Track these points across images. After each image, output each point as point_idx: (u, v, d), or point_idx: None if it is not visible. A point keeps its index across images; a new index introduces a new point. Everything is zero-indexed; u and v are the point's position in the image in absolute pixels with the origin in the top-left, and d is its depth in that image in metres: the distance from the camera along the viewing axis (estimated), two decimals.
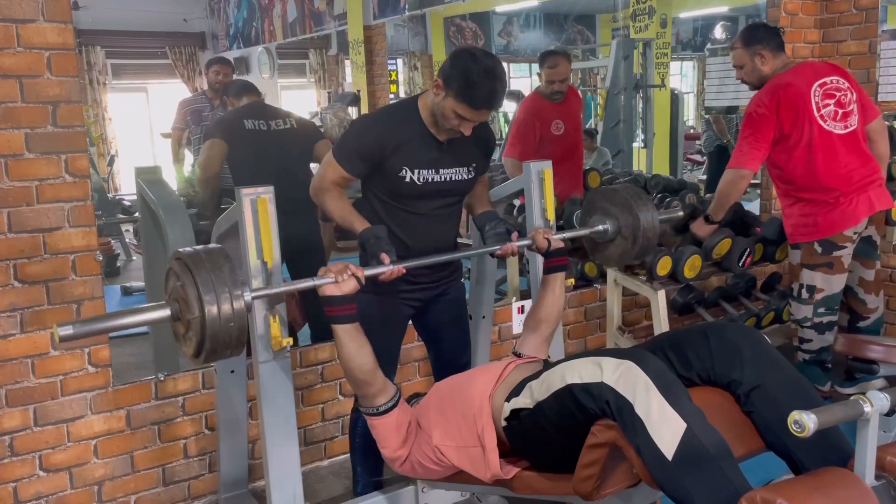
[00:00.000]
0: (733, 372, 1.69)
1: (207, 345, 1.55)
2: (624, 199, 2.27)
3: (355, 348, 1.88)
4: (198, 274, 1.56)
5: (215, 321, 1.54)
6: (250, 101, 3.50)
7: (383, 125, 2.14)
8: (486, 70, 1.96)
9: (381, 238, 2.05)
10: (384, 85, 7.35)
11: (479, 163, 2.25)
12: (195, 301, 1.54)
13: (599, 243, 2.34)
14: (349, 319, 1.87)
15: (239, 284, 1.59)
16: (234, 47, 9.90)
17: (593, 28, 10.96)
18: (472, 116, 2.01)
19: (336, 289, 1.84)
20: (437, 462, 1.90)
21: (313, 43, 9.67)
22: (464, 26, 9.87)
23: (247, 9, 9.52)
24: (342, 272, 1.84)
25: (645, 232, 2.24)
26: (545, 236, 2.21)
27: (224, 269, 1.58)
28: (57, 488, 2.48)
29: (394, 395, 1.97)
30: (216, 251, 1.63)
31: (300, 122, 3.48)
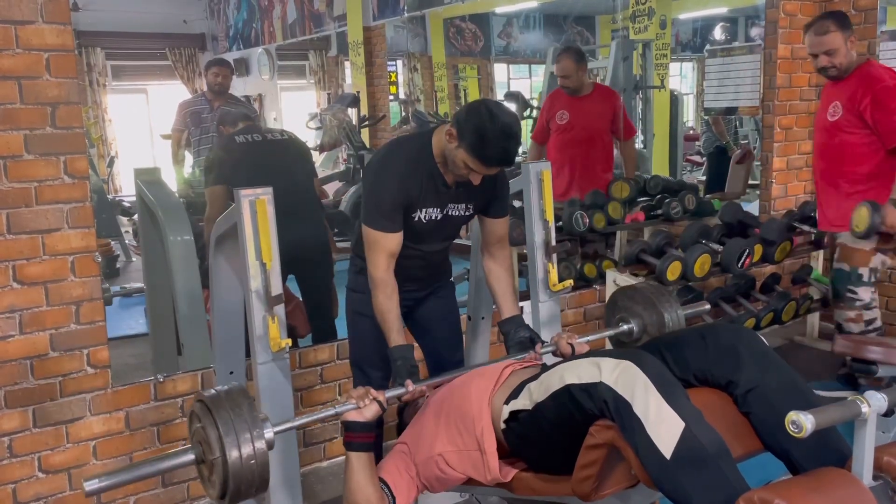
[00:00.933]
0: (730, 373, 1.69)
1: (231, 486, 1.54)
2: (646, 298, 2.26)
3: (365, 479, 1.82)
4: (218, 415, 1.55)
5: (237, 462, 1.53)
6: (244, 125, 3.48)
7: (406, 173, 2.08)
8: (502, 129, 1.93)
9: (407, 359, 2.04)
10: (384, 86, 7.35)
11: (477, 202, 2.23)
12: (216, 443, 1.54)
13: (626, 343, 2.33)
14: (366, 448, 1.82)
15: (259, 423, 1.58)
16: (234, 49, 9.91)
17: (593, 29, 10.96)
18: (483, 171, 2.01)
19: (358, 415, 1.80)
20: (442, 471, 1.88)
21: (313, 44, 9.68)
22: (463, 27, 9.86)
23: (246, 10, 9.52)
24: (363, 397, 1.80)
25: (671, 329, 2.22)
26: (568, 342, 2.14)
27: (243, 407, 1.57)
28: (56, 489, 2.48)
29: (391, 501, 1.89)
30: (235, 391, 1.61)
31: (297, 138, 3.50)
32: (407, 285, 2.25)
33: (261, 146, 3.28)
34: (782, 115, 4.09)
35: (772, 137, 4.11)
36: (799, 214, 3.89)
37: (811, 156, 4.23)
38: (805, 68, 4.10)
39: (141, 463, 1.62)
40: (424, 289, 2.37)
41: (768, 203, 4.19)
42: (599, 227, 4.05)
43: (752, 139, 7.79)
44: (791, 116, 4.13)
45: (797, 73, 4.08)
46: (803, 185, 4.27)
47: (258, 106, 9.49)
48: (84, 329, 2.42)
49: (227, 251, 2.22)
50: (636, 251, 3.54)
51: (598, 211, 4.13)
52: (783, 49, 3.99)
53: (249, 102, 7.73)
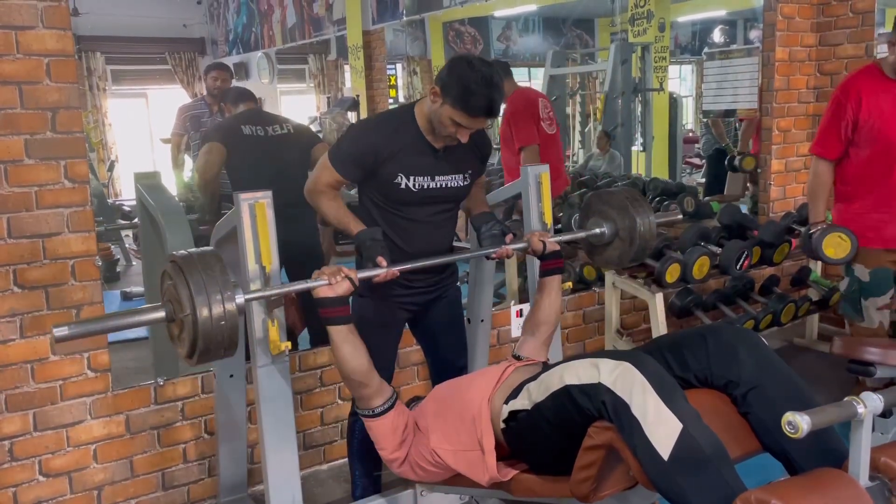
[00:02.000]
0: (730, 373, 1.70)
1: (200, 344, 1.57)
2: (621, 202, 2.28)
3: (350, 350, 1.90)
4: (190, 275, 1.58)
5: (207, 321, 1.56)
6: (247, 108, 3.51)
7: (379, 132, 2.14)
8: (484, 78, 1.96)
9: (376, 240, 2.06)
10: (383, 90, 7.36)
11: (474, 169, 2.26)
12: (187, 301, 1.57)
13: (597, 246, 2.36)
14: (343, 321, 1.89)
15: (231, 286, 1.61)
16: (234, 53, 9.92)
17: (592, 32, 10.98)
18: (469, 124, 2.02)
19: (330, 290, 1.85)
20: (434, 464, 1.91)
21: (312, 48, 9.70)
22: (463, 31, 9.88)
23: (246, 14, 9.54)
24: (335, 274, 1.85)
25: (642, 234, 2.26)
26: (541, 239, 2.22)
27: (216, 270, 1.60)
28: (56, 493, 2.48)
29: (390, 397, 1.98)
30: (209, 253, 1.65)
31: (297, 128, 3.49)
32: (416, 282, 2.25)
33: (262, 144, 3.29)
34: (780, 118, 4.10)
35: (770, 140, 4.12)
36: (797, 216, 3.89)
37: (809, 158, 4.25)
38: (803, 71, 4.11)
39: (110, 315, 1.64)
40: (432, 289, 2.34)
41: (766, 205, 4.20)
42: None
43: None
44: (789, 119, 4.14)
45: (795, 76, 4.09)
46: (802, 188, 4.28)
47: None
48: None
49: (227, 254, 2.22)
50: None
51: None
52: (781, 52, 4.00)
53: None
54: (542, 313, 2.24)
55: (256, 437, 2.38)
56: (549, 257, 2.25)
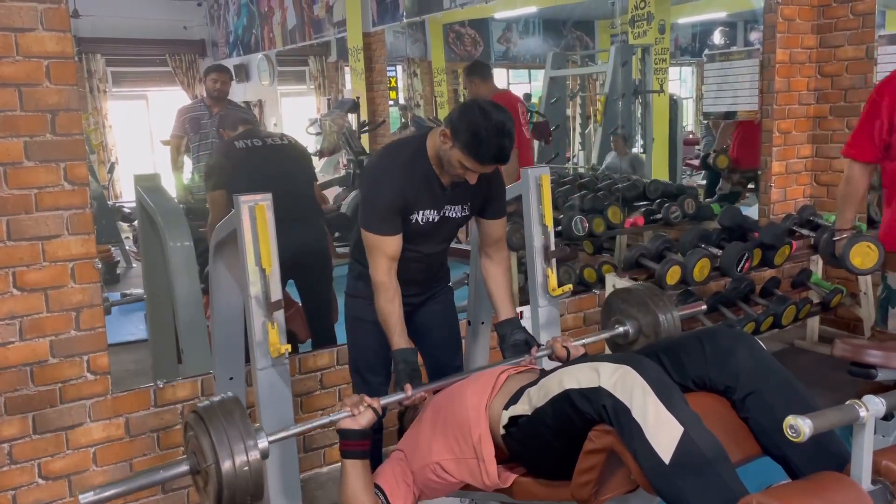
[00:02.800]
0: (729, 377, 1.69)
1: (226, 493, 1.54)
2: (641, 299, 2.26)
3: (360, 486, 1.82)
4: (211, 425, 1.55)
5: (230, 471, 1.53)
6: (245, 129, 3.49)
7: (402, 176, 2.08)
8: (496, 126, 1.93)
9: (409, 363, 2.04)
10: (383, 91, 7.37)
11: (473, 202, 2.23)
12: (209, 452, 1.55)
13: (622, 345, 2.33)
14: (361, 455, 1.83)
15: (252, 433, 1.58)
16: (234, 55, 9.92)
17: (592, 34, 10.97)
18: (478, 169, 2.01)
19: (353, 423, 1.80)
20: (440, 478, 1.88)
21: (313, 50, 9.68)
22: (463, 33, 9.87)
23: (246, 16, 9.55)
24: (357, 405, 1.81)
25: (667, 329, 2.21)
26: (563, 345, 2.14)
27: (235, 416, 1.57)
28: (56, 496, 2.48)
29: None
30: (228, 401, 1.61)
31: (297, 142, 3.50)
32: (405, 290, 2.25)
33: (260, 151, 3.28)
34: (781, 120, 4.10)
35: (770, 142, 4.12)
36: (798, 218, 3.89)
37: (810, 160, 4.25)
38: (803, 72, 4.11)
39: (137, 475, 1.62)
40: (423, 293, 2.37)
41: (767, 207, 4.19)
42: (599, 231, 4.06)
43: None
44: (790, 121, 4.13)
45: (795, 78, 4.09)
46: (802, 189, 4.28)
47: (258, 112, 9.51)
48: (84, 335, 2.42)
49: (227, 257, 2.22)
50: (636, 255, 3.54)
51: (597, 215, 4.14)
52: (781, 53, 4.00)
53: (249, 108, 7.75)
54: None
55: None
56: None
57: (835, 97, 4.09)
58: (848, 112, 4.04)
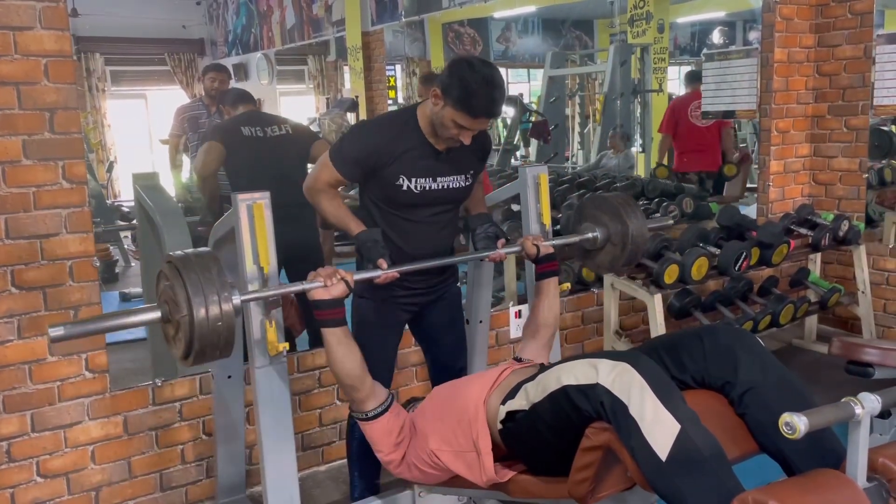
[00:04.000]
0: (726, 375, 1.70)
1: (196, 345, 1.57)
2: (613, 207, 2.28)
3: (343, 352, 1.90)
4: (186, 276, 1.57)
5: (203, 322, 1.55)
6: (247, 109, 3.51)
7: (381, 134, 2.14)
8: (484, 78, 1.96)
9: (377, 241, 2.07)
10: (382, 91, 7.37)
11: (476, 168, 2.26)
12: (184, 302, 1.57)
13: (589, 251, 2.35)
14: (337, 323, 1.89)
15: (227, 287, 1.61)
16: (233, 54, 9.92)
17: (591, 33, 10.97)
18: (471, 125, 2.02)
19: (325, 293, 1.85)
20: (433, 466, 1.90)
21: (312, 49, 9.69)
22: (462, 32, 9.87)
23: (245, 15, 9.54)
24: (331, 276, 1.85)
25: (634, 239, 2.25)
26: (534, 242, 2.22)
27: (213, 271, 1.60)
28: (54, 494, 2.48)
29: (384, 401, 1.98)
30: (205, 254, 1.64)
31: (296, 128, 3.50)
32: (416, 283, 2.25)
33: (260, 143, 3.30)
34: (779, 119, 4.10)
35: (769, 141, 4.12)
36: (796, 217, 3.89)
37: (808, 159, 4.26)
38: (802, 72, 4.12)
39: (107, 315, 1.64)
40: (432, 290, 2.34)
41: (766, 206, 4.20)
42: None
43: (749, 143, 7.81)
44: (788, 120, 4.14)
45: (794, 77, 4.10)
46: (800, 189, 4.28)
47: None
48: None
49: (225, 255, 2.22)
50: None
51: None
52: (780, 53, 4.00)
53: None
54: (541, 316, 2.25)
55: (254, 439, 2.38)
56: (544, 261, 2.25)
57: (833, 96, 4.10)
58: (846, 111, 4.05)
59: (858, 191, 4.07)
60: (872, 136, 4.07)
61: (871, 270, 3.95)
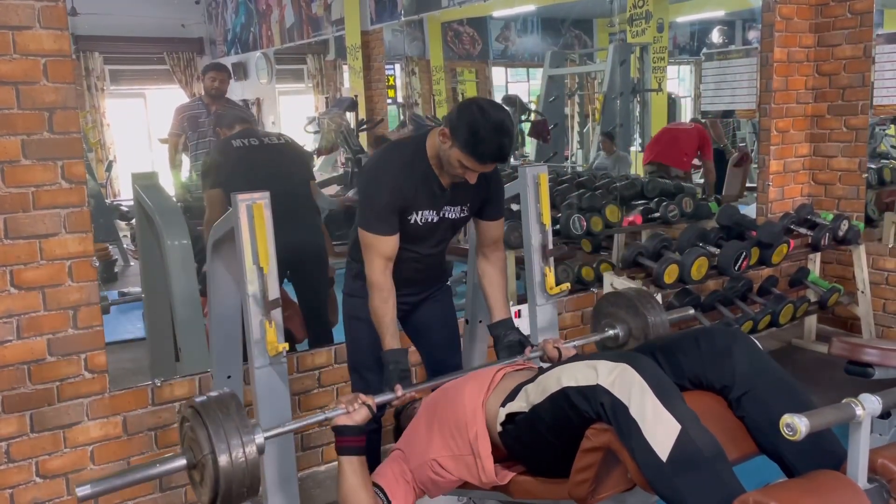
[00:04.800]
0: (725, 376, 1.70)
1: (222, 489, 1.55)
2: (629, 301, 2.28)
3: (357, 483, 1.83)
4: (208, 420, 1.56)
5: (227, 466, 1.54)
6: (242, 128, 3.48)
7: (400, 176, 2.09)
8: (494, 125, 1.94)
9: (399, 363, 2.05)
10: (382, 90, 7.37)
11: (472, 202, 2.23)
12: (206, 445, 1.55)
13: (612, 348, 2.34)
14: (357, 452, 1.84)
15: (249, 427, 1.59)
16: (232, 53, 9.90)
17: (590, 32, 10.96)
18: (478, 168, 2.01)
19: (348, 419, 1.82)
20: (437, 475, 1.89)
21: (311, 48, 9.67)
22: (461, 31, 9.87)
23: (245, 14, 9.53)
24: (352, 402, 1.83)
25: (655, 331, 2.24)
26: (555, 346, 2.15)
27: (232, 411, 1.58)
28: (53, 494, 2.47)
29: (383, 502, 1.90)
30: (226, 397, 1.62)
31: (293, 142, 3.50)
32: (403, 289, 2.25)
33: (258, 150, 3.28)
34: (779, 118, 4.10)
35: (768, 140, 4.12)
36: (796, 217, 3.89)
37: (807, 159, 4.26)
38: (801, 71, 4.11)
39: (133, 468, 1.62)
40: (421, 292, 2.38)
41: (765, 206, 4.20)
42: (597, 230, 4.06)
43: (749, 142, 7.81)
44: (787, 119, 4.14)
45: (793, 76, 4.10)
46: (800, 188, 4.28)
47: (256, 110, 9.49)
48: (81, 334, 2.42)
49: (225, 255, 2.22)
50: (633, 254, 3.54)
51: (595, 214, 4.15)
52: (779, 52, 4.00)
53: (247, 106, 7.75)
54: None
55: None
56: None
57: (832, 96, 4.10)
58: (846, 111, 4.05)
59: (858, 190, 4.07)
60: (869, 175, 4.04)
61: (870, 270, 3.95)
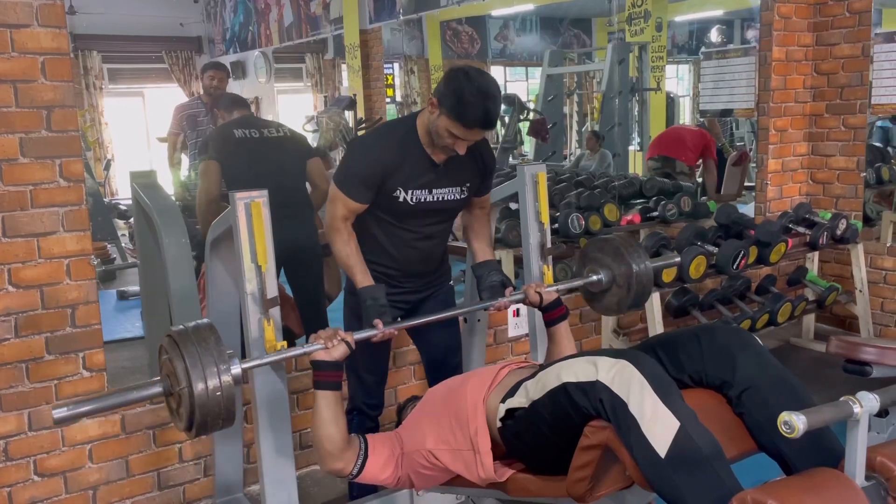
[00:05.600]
0: (724, 374, 1.70)
1: (197, 416, 1.57)
2: (615, 249, 2.27)
3: (330, 416, 1.84)
4: (185, 349, 1.58)
5: (203, 394, 1.56)
6: (241, 114, 3.50)
7: (384, 149, 2.12)
8: (480, 89, 1.95)
9: (377, 299, 2.06)
10: (380, 89, 7.37)
11: (472, 182, 2.24)
12: (183, 375, 1.57)
13: (595, 293, 2.34)
14: (333, 387, 1.85)
15: (226, 357, 1.61)
16: (231, 52, 9.91)
17: (589, 32, 10.97)
18: (465, 135, 2.01)
19: (326, 354, 1.83)
20: (431, 466, 1.89)
21: (310, 47, 9.68)
22: (460, 30, 9.87)
23: (243, 13, 9.53)
24: (331, 338, 1.84)
25: (639, 279, 2.23)
26: (537, 290, 2.17)
27: (210, 342, 1.60)
28: (51, 493, 2.47)
29: (359, 450, 1.92)
30: (203, 326, 1.64)
31: (292, 132, 3.49)
32: (405, 283, 2.25)
33: (256, 144, 3.28)
34: (777, 118, 4.10)
35: (767, 139, 4.13)
36: (794, 216, 3.90)
37: (806, 158, 4.26)
38: (800, 70, 4.12)
39: (110, 394, 1.65)
40: (422, 290, 2.36)
41: (764, 205, 4.20)
42: (595, 229, 4.06)
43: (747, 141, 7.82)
44: (786, 118, 4.14)
45: (792, 76, 4.10)
46: (798, 187, 4.29)
47: (255, 109, 9.50)
48: (80, 332, 2.42)
49: (223, 254, 2.22)
50: None
51: (593, 213, 4.15)
52: (778, 51, 4.00)
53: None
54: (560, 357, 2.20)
55: (252, 437, 2.38)
56: (550, 308, 2.20)
57: (831, 95, 4.10)
58: (844, 110, 4.05)
59: (856, 189, 4.07)
60: (867, 153, 4.05)
61: (868, 269, 3.95)
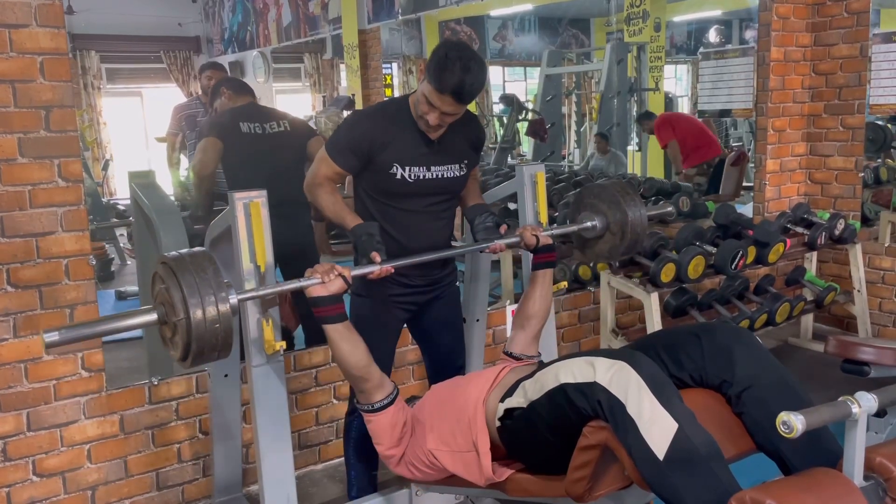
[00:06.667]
0: (724, 373, 1.70)
1: (194, 347, 1.55)
2: (612, 195, 2.26)
3: (349, 347, 1.89)
4: (182, 277, 1.55)
5: (200, 323, 1.54)
6: (246, 102, 3.49)
7: (374, 120, 2.15)
8: (460, 59, 1.95)
9: (372, 235, 2.05)
10: (379, 89, 7.36)
11: (470, 158, 2.26)
12: (180, 304, 1.55)
13: (588, 239, 2.34)
14: (338, 319, 1.87)
15: (224, 287, 1.59)
16: (229, 51, 9.90)
17: (588, 32, 10.98)
18: (439, 102, 2.00)
19: (323, 289, 1.83)
20: (430, 465, 1.90)
21: (308, 47, 9.68)
22: (459, 30, 9.87)
23: (241, 13, 9.52)
24: (328, 272, 1.84)
25: (633, 227, 2.22)
26: (533, 233, 2.20)
27: (208, 271, 1.58)
28: (50, 493, 2.47)
29: (391, 393, 1.98)
30: (200, 255, 1.62)
31: (294, 124, 3.48)
32: (415, 279, 2.24)
33: (259, 140, 3.28)
34: (775, 118, 4.11)
35: (765, 140, 4.13)
36: (792, 216, 3.90)
37: (804, 158, 4.27)
38: (798, 70, 4.12)
39: (101, 319, 1.61)
40: (428, 288, 2.33)
41: (762, 205, 4.20)
42: None
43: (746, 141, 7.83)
44: (784, 118, 4.14)
45: (790, 76, 4.10)
46: (796, 187, 4.29)
47: None
48: None
49: (222, 253, 2.22)
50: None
51: None
52: (776, 52, 4.01)
53: None
54: (533, 306, 2.22)
55: (251, 437, 2.38)
56: (542, 251, 2.24)
57: (829, 95, 4.10)
58: (842, 110, 4.06)
59: (854, 189, 4.08)
60: (867, 131, 4.08)
61: (866, 269, 3.96)
